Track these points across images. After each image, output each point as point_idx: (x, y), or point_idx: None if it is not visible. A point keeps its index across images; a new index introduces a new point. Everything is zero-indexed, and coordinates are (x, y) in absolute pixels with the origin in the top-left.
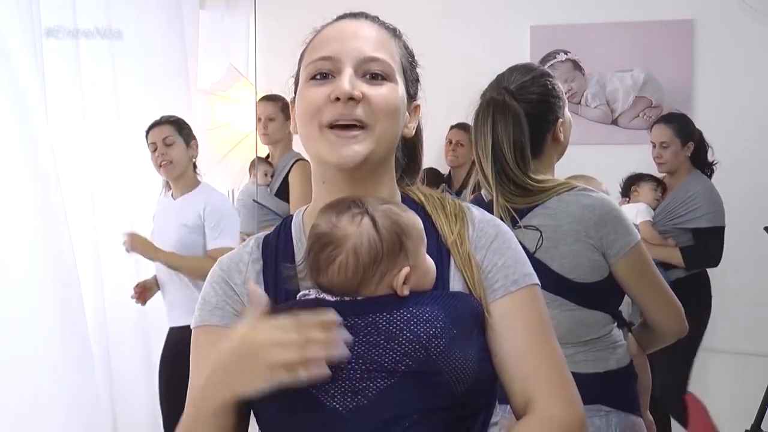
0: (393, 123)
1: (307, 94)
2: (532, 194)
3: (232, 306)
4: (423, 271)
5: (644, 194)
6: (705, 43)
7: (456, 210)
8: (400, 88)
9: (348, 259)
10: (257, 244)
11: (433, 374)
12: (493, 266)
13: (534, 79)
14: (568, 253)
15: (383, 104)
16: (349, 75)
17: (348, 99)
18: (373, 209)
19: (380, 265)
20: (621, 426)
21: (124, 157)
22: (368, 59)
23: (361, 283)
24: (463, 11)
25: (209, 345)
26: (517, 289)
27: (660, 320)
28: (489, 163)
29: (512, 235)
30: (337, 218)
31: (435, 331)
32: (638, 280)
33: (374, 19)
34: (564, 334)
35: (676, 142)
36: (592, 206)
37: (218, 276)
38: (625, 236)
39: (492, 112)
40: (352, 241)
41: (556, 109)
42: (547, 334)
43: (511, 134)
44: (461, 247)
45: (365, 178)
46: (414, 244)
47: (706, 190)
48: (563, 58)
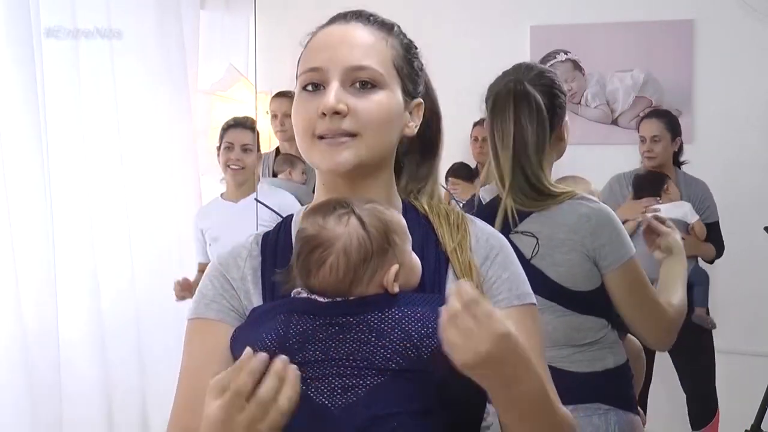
0: (384, 130)
1: (300, 107)
2: (541, 197)
3: (229, 301)
4: (409, 268)
5: (675, 193)
6: (705, 43)
7: (459, 221)
8: (392, 94)
9: (339, 260)
10: (257, 240)
11: (424, 374)
12: (498, 278)
13: (541, 74)
14: (563, 262)
15: (370, 115)
16: (335, 89)
17: (333, 113)
18: (359, 209)
19: (370, 264)
20: (620, 424)
21: (123, 157)
22: (355, 68)
23: (352, 282)
24: (463, 11)
25: (202, 338)
26: (520, 304)
27: (642, 335)
28: (508, 153)
29: (513, 251)
30: (324, 220)
31: (427, 331)
32: (626, 295)
33: (367, 19)
34: (560, 338)
35: (667, 136)
36: (589, 216)
37: (216, 270)
38: (619, 249)
39: (513, 99)
40: (341, 242)
41: (563, 106)
42: (541, 355)
43: (536, 122)
44: (462, 255)
45: (363, 179)
46: (401, 240)
47: (706, 186)
48: (563, 58)
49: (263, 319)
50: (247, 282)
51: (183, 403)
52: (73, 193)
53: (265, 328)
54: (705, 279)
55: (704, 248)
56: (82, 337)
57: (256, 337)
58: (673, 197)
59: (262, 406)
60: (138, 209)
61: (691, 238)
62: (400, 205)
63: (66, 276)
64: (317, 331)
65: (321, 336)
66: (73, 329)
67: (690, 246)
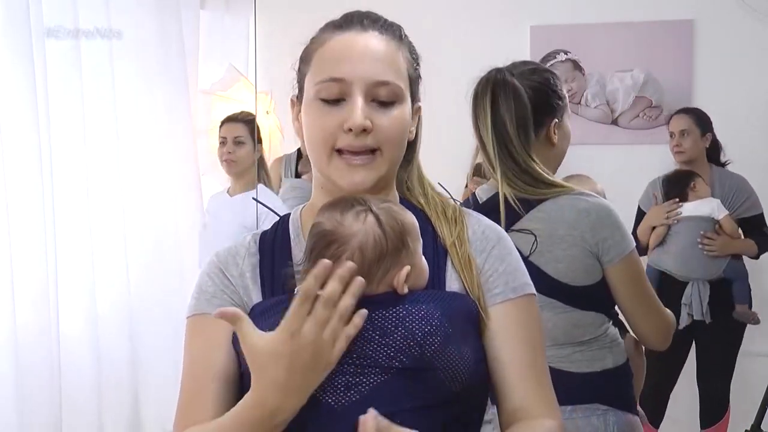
0: (401, 143)
1: (319, 119)
2: (537, 184)
3: (230, 296)
4: (419, 270)
5: (703, 188)
6: (705, 43)
7: (456, 214)
8: (407, 105)
9: (354, 257)
10: (254, 239)
11: (427, 371)
12: (494, 271)
13: (536, 71)
14: (563, 258)
15: (393, 131)
16: (361, 105)
17: (361, 131)
18: (376, 207)
19: (384, 263)
20: (619, 425)
21: (122, 157)
22: (378, 83)
23: (364, 280)
24: (463, 11)
25: (204, 333)
26: (516, 296)
27: (642, 331)
28: (491, 140)
29: (511, 243)
30: (341, 216)
31: (430, 329)
32: (628, 288)
33: (381, 26)
34: (559, 336)
35: (696, 131)
36: (588, 211)
37: (215, 266)
38: (621, 243)
39: (492, 88)
40: (358, 239)
41: (554, 106)
42: (542, 348)
43: (513, 109)
44: (460, 249)
45: (373, 187)
46: (414, 242)
47: (744, 180)
48: (563, 58)
49: (266, 316)
50: (246, 279)
51: (188, 397)
52: (73, 193)
53: (268, 324)
54: (743, 274)
55: (740, 245)
56: (80, 336)
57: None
58: (701, 194)
59: (327, 305)
60: (137, 209)
61: (723, 236)
62: (397, 201)
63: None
64: None
65: None
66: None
67: (723, 245)
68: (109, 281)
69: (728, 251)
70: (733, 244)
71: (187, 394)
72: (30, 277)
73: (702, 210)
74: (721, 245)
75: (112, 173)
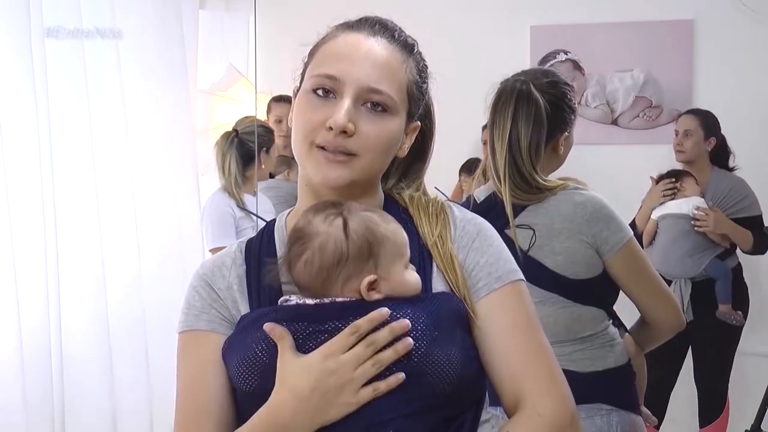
0: (382, 156)
1: (306, 110)
2: (535, 192)
3: (218, 310)
4: (397, 284)
5: (691, 189)
6: (705, 43)
7: (438, 209)
8: (398, 120)
9: (313, 257)
10: (240, 248)
11: (416, 377)
12: (476, 265)
13: (555, 84)
14: (562, 250)
15: (374, 141)
16: (347, 106)
17: (340, 131)
18: (349, 213)
19: (344, 268)
20: (622, 425)
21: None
22: (370, 90)
23: (325, 282)
24: (463, 11)
25: (196, 349)
26: (500, 285)
27: (657, 316)
28: (504, 150)
29: (494, 232)
30: (314, 216)
31: (415, 334)
32: (633, 276)
33: (392, 35)
34: (560, 332)
35: (699, 132)
36: (584, 204)
37: (202, 280)
38: (618, 232)
39: (515, 99)
40: (319, 240)
41: (567, 121)
42: (534, 329)
43: (531, 126)
44: (442, 248)
45: (349, 190)
46: (387, 254)
47: (742, 182)
48: (563, 58)
49: (252, 328)
50: (233, 291)
51: (184, 416)
52: (73, 193)
53: (254, 338)
54: (725, 273)
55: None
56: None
57: (246, 347)
58: (688, 194)
59: (370, 347)
60: (137, 209)
61: (717, 213)
62: (382, 199)
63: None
64: (307, 340)
65: (311, 345)
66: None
67: (716, 221)
68: (108, 280)
69: (721, 229)
70: (727, 223)
71: (183, 412)
72: (30, 277)
73: (682, 208)
74: (714, 221)
75: (111, 173)
